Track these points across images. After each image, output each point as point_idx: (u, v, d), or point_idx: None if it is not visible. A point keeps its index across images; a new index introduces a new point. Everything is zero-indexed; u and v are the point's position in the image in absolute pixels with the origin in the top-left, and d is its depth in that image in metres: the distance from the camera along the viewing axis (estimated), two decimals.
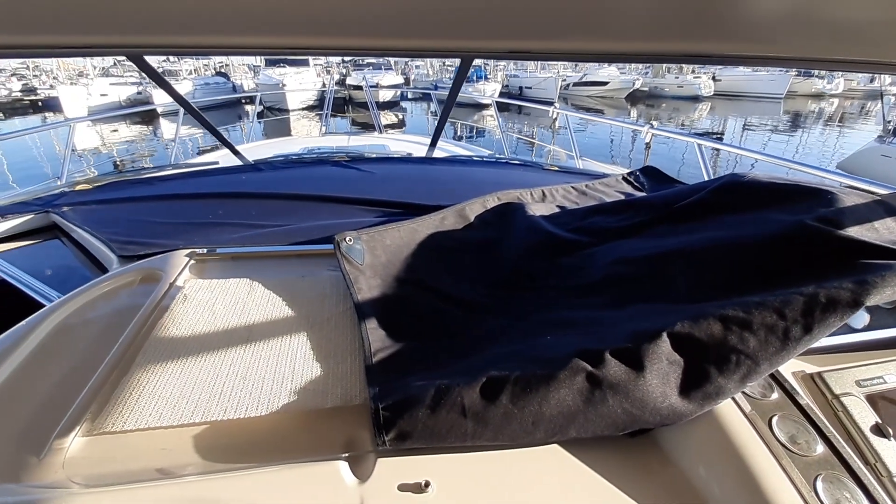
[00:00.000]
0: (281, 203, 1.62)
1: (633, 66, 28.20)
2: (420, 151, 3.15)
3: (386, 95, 22.85)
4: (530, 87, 25.80)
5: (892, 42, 0.92)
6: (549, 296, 0.97)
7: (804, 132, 18.29)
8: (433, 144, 2.38)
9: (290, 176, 2.04)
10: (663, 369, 0.64)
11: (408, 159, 2.48)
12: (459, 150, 3.52)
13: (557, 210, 1.39)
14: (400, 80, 28.36)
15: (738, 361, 0.64)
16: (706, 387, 0.63)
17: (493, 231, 1.23)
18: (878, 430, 0.69)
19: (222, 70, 32.15)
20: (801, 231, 0.85)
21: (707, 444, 0.64)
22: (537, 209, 1.35)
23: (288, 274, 1.04)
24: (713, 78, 25.50)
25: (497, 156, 3.28)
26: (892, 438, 0.68)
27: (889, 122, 9.95)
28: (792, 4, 0.79)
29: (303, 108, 20.75)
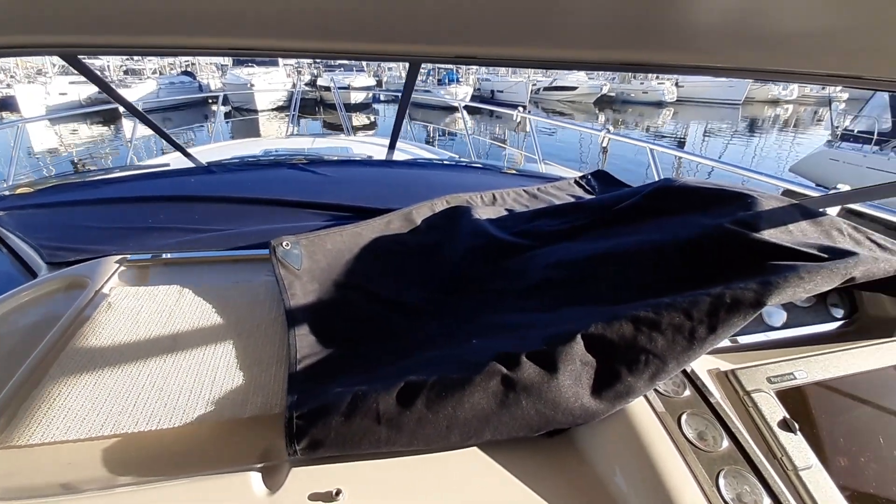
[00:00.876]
0: (228, 206, 1.58)
1: (600, 71, 28.91)
2: (384, 154, 3.13)
3: (358, 97, 22.67)
4: (502, 91, 26.10)
5: (822, 53, 0.98)
6: (489, 299, 0.99)
7: (761, 137, 19.15)
8: (392, 147, 2.37)
9: (242, 179, 1.99)
10: (576, 370, 0.65)
11: (367, 162, 2.46)
12: (424, 153, 3.52)
13: (506, 213, 1.41)
14: (372, 82, 28.19)
15: (647, 361, 0.66)
16: (617, 386, 0.65)
17: (439, 235, 1.24)
18: (785, 425, 0.72)
19: (188, 69, 31.23)
20: (719, 234, 0.89)
21: (618, 442, 0.66)
22: (485, 212, 1.36)
23: (222, 280, 1.02)
24: (676, 84, 26.38)
25: (457, 158, 3.30)
26: (797, 433, 0.72)
27: (837, 127, 10.56)
28: (730, 17, 0.83)
29: (272, 109, 20.36)
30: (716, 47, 1.08)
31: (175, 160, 2.59)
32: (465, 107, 5.19)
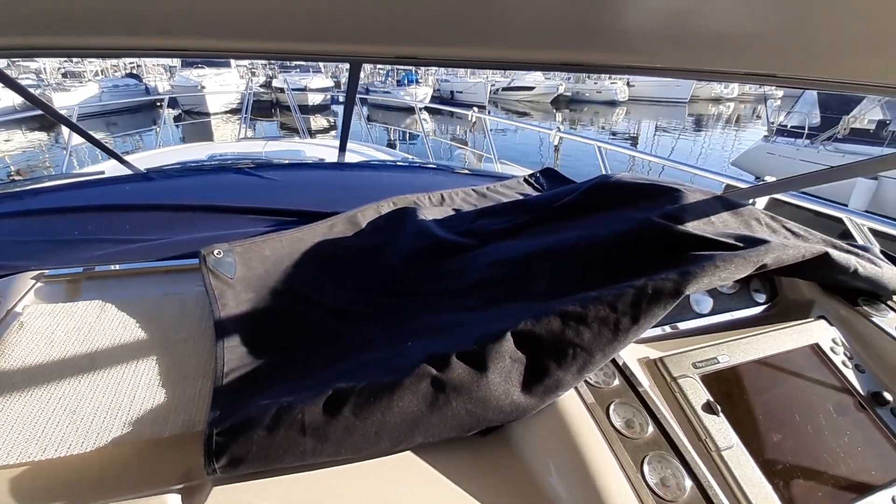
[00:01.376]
0: (165, 214, 1.51)
1: (553, 71, 29.62)
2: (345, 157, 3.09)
3: (315, 99, 22.21)
4: (461, 92, 26.28)
5: (740, 53, 1.03)
6: (429, 300, 0.98)
7: (707, 133, 20.17)
8: (342, 149, 2.34)
9: (183, 185, 1.91)
10: (506, 368, 0.66)
11: (317, 165, 2.41)
12: (380, 154, 3.49)
13: (452, 213, 1.41)
14: (330, 83, 27.71)
15: (574, 354, 0.67)
16: (546, 381, 0.66)
17: (383, 237, 1.22)
18: (709, 408, 0.76)
19: (134, 71, 29.65)
20: (648, 227, 0.92)
21: (549, 436, 0.67)
22: (431, 213, 1.36)
23: (149, 292, 0.97)
24: (628, 84, 27.38)
25: (411, 159, 3.29)
26: (720, 414, 0.75)
27: (773, 123, 11.31)
28: (660, 19, 0.86)
29: (226, 112, 19.66)
30: (646, 47, 1.12)
31: (113, 168, 2.46)
32: (424, 108, 5.18)
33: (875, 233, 1.67)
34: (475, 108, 4.69)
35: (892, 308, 0.98)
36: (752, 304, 1.02)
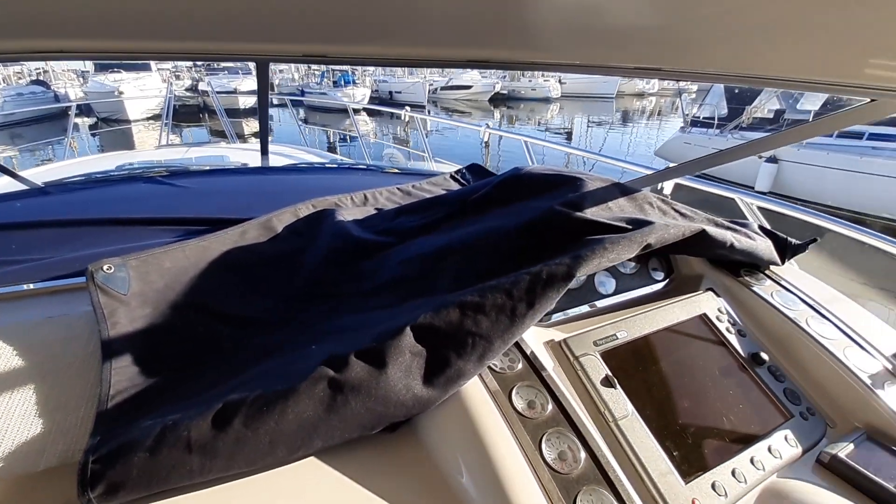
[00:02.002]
0: (57, 231, 1.39)
1: (492, 70, 30.25)
2: (273, 161, 2.97)
3: (248, 102, 21.24)
4: (399, 92, 26.14)
5: (630, 47, 1.09)
6: (343, 302, 0.97)
7: (633, 126, 21.43)
8: (264, 153, 2.25)
9: (83, 198, 1.76)
10: (406, 362, 0.66)
11: (238, 171, 2.31)
12: (310, 157, 3.40)
13: (374, 213, 1.40)
14: None
15: (473, 343, 0.69)
16: (448, 371, 0.67)
17: (300, 241, 1.19)
18: (607, 382, 0.80)
19: (40, 78, 26.92)
20: (549, 215, 0.96)
21: (454, 426, 0.68)
22: (352, 213, 1.34)
23: (32, 315, 0.89)
24: (560, 81, 28.45)
25: (340, 160, 3.23)
26: (617, 387, 0.80)
27: (688, 115, 12.29)
28: (565, 16, 0.89)
29: (147, 118, 18.36)
30: (545, 43, 1.16)
31: (8, 184, 2.22)
32: (363, 108, 5.11)
33: (763, 210, 1.87)
34: (407, 108, 4.68)
35: (769, 277, 1.09)
36: (651, 281, 1.09)
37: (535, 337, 0.86)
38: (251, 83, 23.08)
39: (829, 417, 0.89)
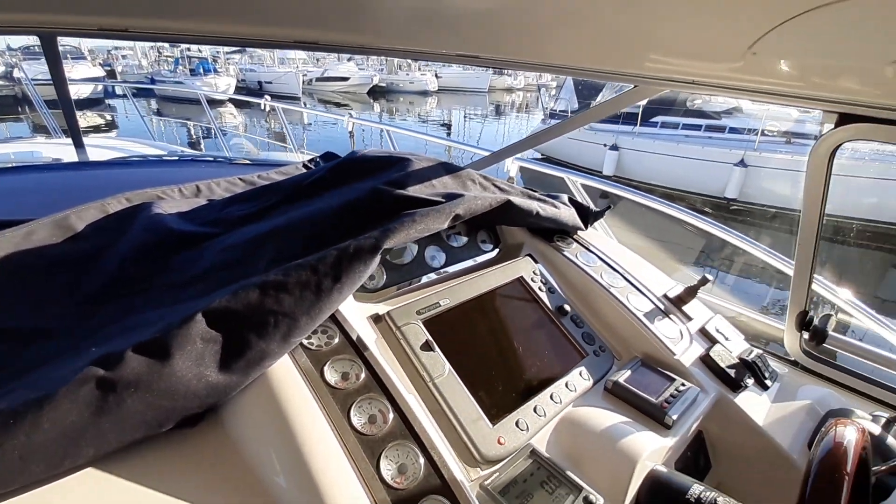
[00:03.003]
0: None
1: (370, 63, 29.85)
2: (106, 157, 2.57)
3: (82, 91, 18.11)
4: (270, 82, 24.47)
5: (462, 36, 1.15)
6: (151, 298, 0.89)
7: (506, 119, 22.93)
8: (78, 145, 1.95)
9: None
10: (197, 350, 0.63)
11: (49, 167, 1.97)
12: (148, 149, 3.02)
13: (204, 204, 1.30)
14: (98, 72, 22.98)
15: (276, 322, 0.68)
16: (248, 354, 0.65)
17: (107, 238, 1.06)
18: (427, 346, 0.85)
19: None
20: (371, 194, 0.99)
21: (259, 411, 0.67)
22: (177, 206, 1.22)
23: None
24: (436, 75, 29.17)
25: (181, 152, 2.94)
26: (436, 349, 0.85)
27: (547, 108, 13.63)
28: (400, 2, 0.89)
29: None
30: (375, 28, 1.18)
31: None
32: (229, 99, 4.66)
33: (585, 187, 2.18)
34: (267, 97, 4.39)
35: (576, 241, 1.26)
36: (480, 252, 1.18)
37: (360, 312, 0.88)
38: (84, 70, 19.78)
39: (617, 351, 1.06)
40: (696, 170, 10.61)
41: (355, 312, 0.87)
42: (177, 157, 2.32)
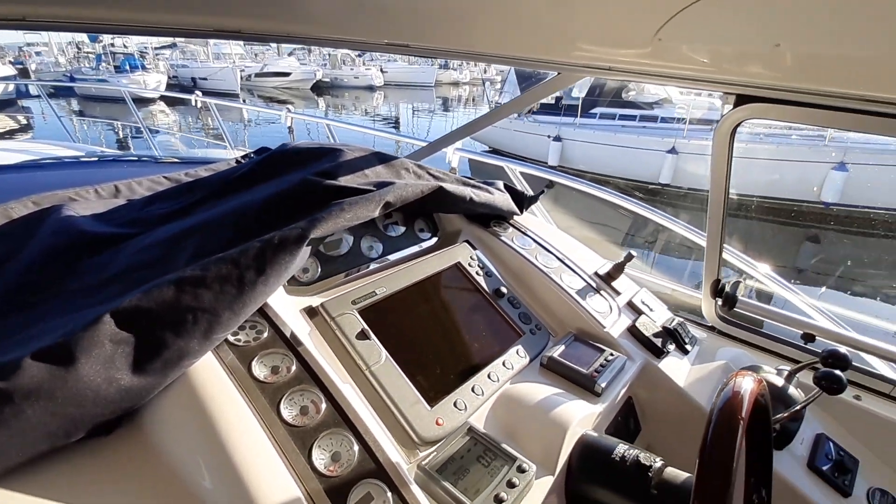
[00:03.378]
0: None
1: (312, 58, 28.97)
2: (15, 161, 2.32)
3: None
4: (205, 78, 23.19)
5: (393, 25, 1.13)
6: (57, 304, 0.83)
7: (453, 113, 23.02)
8: None
9: None
10: (105, 353, 0.59)
11: None
12: (65, 151, 2.78)
13: (123, 204, 1.22)
14: (10, 70, 20.92)
15: (195, 319, 0.65)
16: (165, 354, 0.62)
17: (7, 245, 0.97)
18: (363, 335, 0.85)
19: None
20: (301, 185, 0.97)
21: (181, 413, 0.64)
22: (92, 208, 1.14)
23: None
24: (381, 70, 28.76)
25: (100, 152, 2.75)
26: (372, 338, 0.85)
27: (492, 101, 13.86)
28: None
29: None
30: (303, 16, 1.14)
31: None
32: (129, 98, 4.39)
33: (524, 175, 2.24)
34: (198, 93, 4.15)
35: (512, 225, 1.29)
36: (418, 241, 1.19)
37: (294, 305, 0.87)
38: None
39: (552, 328, 1.10)
40: (633, 158, 11.21)
41: (288, 306, 0.85)
42: (96, 158, 2.16)
